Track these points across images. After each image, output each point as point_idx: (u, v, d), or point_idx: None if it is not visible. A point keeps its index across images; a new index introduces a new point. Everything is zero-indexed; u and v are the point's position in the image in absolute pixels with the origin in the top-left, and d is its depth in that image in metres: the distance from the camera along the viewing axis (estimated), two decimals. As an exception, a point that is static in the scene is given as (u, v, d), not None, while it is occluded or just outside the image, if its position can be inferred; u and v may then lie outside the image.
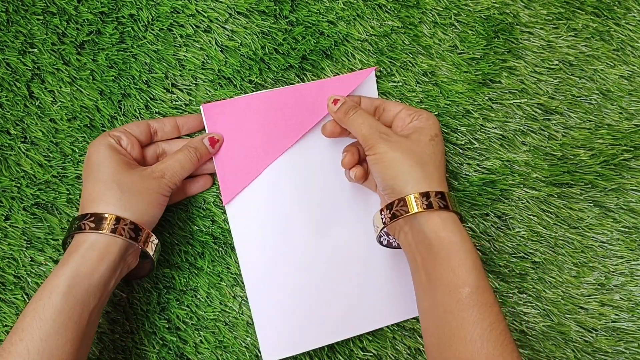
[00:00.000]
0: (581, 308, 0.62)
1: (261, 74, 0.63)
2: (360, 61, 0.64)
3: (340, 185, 0.62)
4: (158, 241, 0.55)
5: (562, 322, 0.61)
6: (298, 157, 0.62)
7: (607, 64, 0.65)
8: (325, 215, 0.62)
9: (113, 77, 0.62)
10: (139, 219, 0.52)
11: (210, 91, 0.63)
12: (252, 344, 0.61)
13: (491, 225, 0.63)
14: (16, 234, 0.61)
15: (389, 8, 0.65)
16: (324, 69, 0.63)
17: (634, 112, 0.65)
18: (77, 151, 0.62)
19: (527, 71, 0.65)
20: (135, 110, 0.62)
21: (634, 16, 0.66)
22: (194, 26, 0.63)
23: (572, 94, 0.65)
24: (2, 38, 0.62)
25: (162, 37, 0.63)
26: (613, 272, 0.63)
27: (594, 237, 0.63)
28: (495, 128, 0.64)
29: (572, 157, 0.63)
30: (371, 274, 0.62)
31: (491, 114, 0.64)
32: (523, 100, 0.64)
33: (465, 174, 0.63)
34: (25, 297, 0.60)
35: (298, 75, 0.63)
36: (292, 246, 0.61)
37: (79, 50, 0.62)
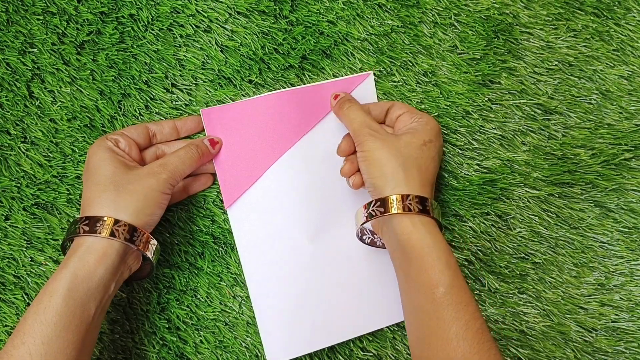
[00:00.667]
0: (581, 308, 0.62)
1: (261, 74, 0.63)
2: (360, 60, 0.64)
3: (340, 187, 0.62)
4: (157, 243, 0.55)
5: (562, 322, 0.61)
6: (298, 159, 0.62)
7: (607, 64, 0.65)
8: (326, 216, 0.62)
9: (113, 77, 0.62)
10: (135, 220, 0.52)
11: (210, 91, 0.63)
12: (252, 344, 0.61)
13: (492, 225, 0.63)
14: (16, 234, 0.61)
15: (388, 7, 0.65)
16: (323, 68, 0.64)
17: (633, 112, 0.65)
18: (77, 151, 0.62)
19: (527, 72, 0.65)
20: (135, 111, 0.62)
21: (633, 16, 0.66)
22: (194, 26, 0.63)
23: (572, 94, 0.65)
24: (2, 38, 0.62)
25: (162, 37, 0.63)
26: (613, 272, 0.63)
27: (594, 237, 0.63)
28: (495, 128, 0.64)
29: (573, 156, 0.63)
30: (373, 275, 0.62)
31: (490, 114, 0.64)
32: (522, 101, 0.64)
33: (465, 174, 0.63)
34: (25, 297, 0.60)
35: (298, 75, 0.63)
36: (294, 248, 0.61)
37: (79, 50, 0.63)
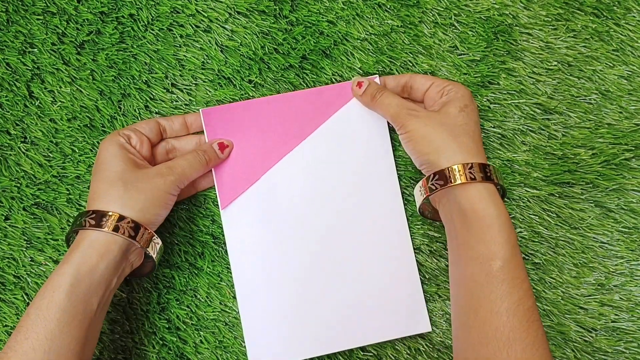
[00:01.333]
0: (581, 308, 0.62)
1: (261, 73, 0.63)
2: (360, 60, 0.64)
3: (339, 193, 0.61)
4: (161, 243, 0.55)
5: (561, 322, 0.61)
6: (296, 163, 0.61)
7: (606, 64, 0.66)
8: (322, 223, 0.61)
9: (113, 77, 0.62)
10: (140, 218, 0.52)
11: (210, 91, 0.63)
12: (252, 344, 0.61)
13: (491, 225, 0.63)
14: (16, 234, 0.61)
15: (388, 7, 0.65)
16: (323, 68, 0.64)
17: (633, 112, 0.65)
18: (77, 151, 0.62)
19: (526, 72, 0.65)
20: (135, 110, 0.62)
21: (633, 16, 0.66)
22: (194, 26, 0.63)
23: (571, 94, 0.65)
24: (2, 38, 0.62)
25: (162, 37, 0.63)
26: (613, 272, 0.63)
27: (594, 237, 0.63)
28: (494, 127, 0.64)
29: (573, 156, 0.63)
30: (367, 288, 0.60)
31: (489, 114, 0.64)
32: (521, 101, 0.64)
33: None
34: (26, 297, 0.60)
35: (298, 75, 0.63)
36: (286, 255, 0.60)
37: (78, 50, 0.63)
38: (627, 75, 0.65)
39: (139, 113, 0.62)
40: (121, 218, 0.51)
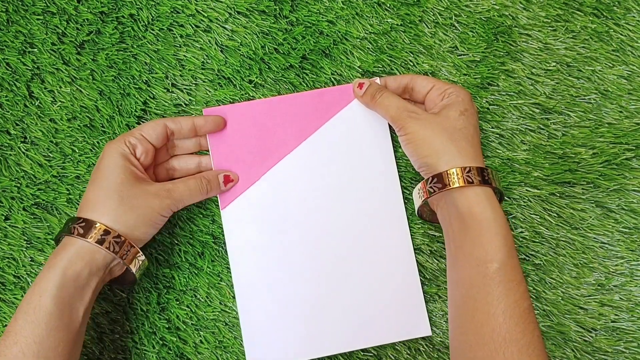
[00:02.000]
0: (581, 308, 0.62)
1: (261, 73, 0.63)
2: (359, 59, 0.64)
3: (339, 194, 0.61)
4: (144, 259, 0.55)
5: (561, 322, 0.61)
6: (297, 164, 0.61)
7: (606, 64, 0.66)
8: (322, 225, 0.61)
9: (113, 77, 0.62)
10: (129, 234, 0.53)
11: (210, 91, 0.63)
12: (251, 344, 0.61)
13: (491, 225, 0.63)
14: (16, 234, 0.61)
15: (388, 6, 0.65)
16: (323, 68, 0.64)
17: (634, 111, 0.65)
18: (77, 151, 0.62)
19: (525, 73, 0.65)
20: (135, 111, 0.62)
21: (633, 16, 0.66)
22: (193, 26, 0.63)
23: (570, 94, 0.65)
24: (2, 38, 0.62)
25: (162, 37, 0.63)
26: (613, 272, 0.63)
27: (595, 237, 0.63)
28: (492, 128, 0.64)
29: (573, 155, 0.63)
30: (367, 290, 0.60)
31: (488, 115, 0.64)
32: (520, 101, 0.64)
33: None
34: (25, 297, 0.60)
35: (298, 75, 0.63)
36: (286, 256, 0.60)
37: (78, 50, 0.63)
38: (627, 75, 0.65)
39: (139, 113, 0.62)
40: (108, 232, 0.51)
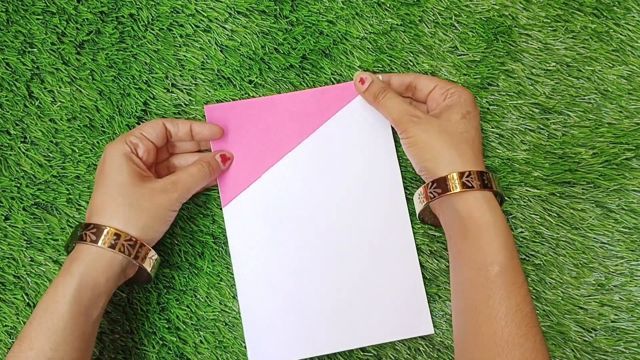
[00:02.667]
0: (581, 308, 0.62)
1: (261, 73, 0.63)
2: (359, 59, 0.64)
3: (341, 192, 0.61)
4: (157, 257, 0.55)
5: (561, 322, 0.61)
6: (299, 162, 0.61)
7: (606, 64, 0.66)
8: (324, 223, 0.61)
9: (113, 77, 0.62)
10: (142, 235, 0.53)
11: (210, 91, 0.63)
12: (251, 344, 0.61)
13: (491, 225, 0.63)
14: (16, 234, 0.61)
15: (388, 6, 0.65)
16: (323, 68, 0.64)
17: (634, 111, 0.65)
18: (77, 151, 0.62)
19: (525, 73, 0.65)
20: (135, 111, 0.62)
21: (633, 16, 0.66)
22: (193, 26, 0.63)
23: (570, 94, 0.65)
24: (2, 38, 0.62)
25: (162, 37, 0.63)
26: (613, 272, 0.63)
27: (595, 237, 0.63)
28: (492, 128, 0.64)
29: (573, 155, 0.63)
30: (369, 288, 0.60)
31: (488, 116, 0.64)
32: (520, 101, 0.64)
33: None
34: (25, 297, 0.60)
35: (298, 74, 0.63)
36: (287, 254, 0.60)
37: (78, 50, 0.63)
38: (627, 75, 0.65)
39: (139, 113, 0.62)
40: (122, 235, 0.51)
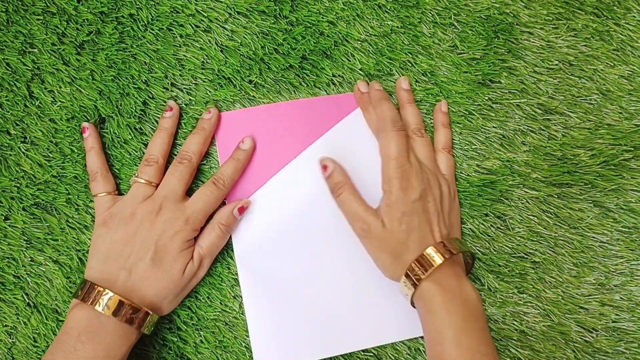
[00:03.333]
0: (581, 308, 0.62)
1: (261, 74, 0.63)
2: (360, 61, 0.64)
3: None
4: (157, 316, 0.56)
5: (562, 322, 0.61)
6: (303, 168, 0.62)
7: (607, 64, 0.65)
8: (328, 228, 0.61)
9: (112, 77, 0.62)
10: (159, 312, 0.57)
11: (210, 91, 0.63)
12: (252, 344, 0.61)
13: (491, 225, 0.63)
14: (16, 234, 0.61)
15: (388, 8, 0.65)
16: (323, 69, 0.63)
17: (633, 112, 0.65)
18: (77, 151, 0.62)
19: (527, 71, 0.65)
20: (135, 111, 0.62)
21: (633, 16, 0.66)
22: (193, 26, 0.63)
23: (572, 93, 0.65)
24: (2, 38, 0.62)
25: (161, 36, 0.63)
26: (613, 272, 0.63)
27: (593, 237, 0.63)
28: (495, 127, 0.64)
29: (572, 157, 0.63)
30: (372, 291, 0.61)
31: (491, 113, 0.64)
32: (523, 100, 0.64)
33: (465, 175, 0.63)
34: (25, 297, 0.60)
35: (298, 75, 0.63)
36: (291, 258, 0.61)
37: (78, 50, 0.62)
38: (628, 75, 0.65)
39: (139, 113, 0.62)
40: (137, 309, 0.53)
